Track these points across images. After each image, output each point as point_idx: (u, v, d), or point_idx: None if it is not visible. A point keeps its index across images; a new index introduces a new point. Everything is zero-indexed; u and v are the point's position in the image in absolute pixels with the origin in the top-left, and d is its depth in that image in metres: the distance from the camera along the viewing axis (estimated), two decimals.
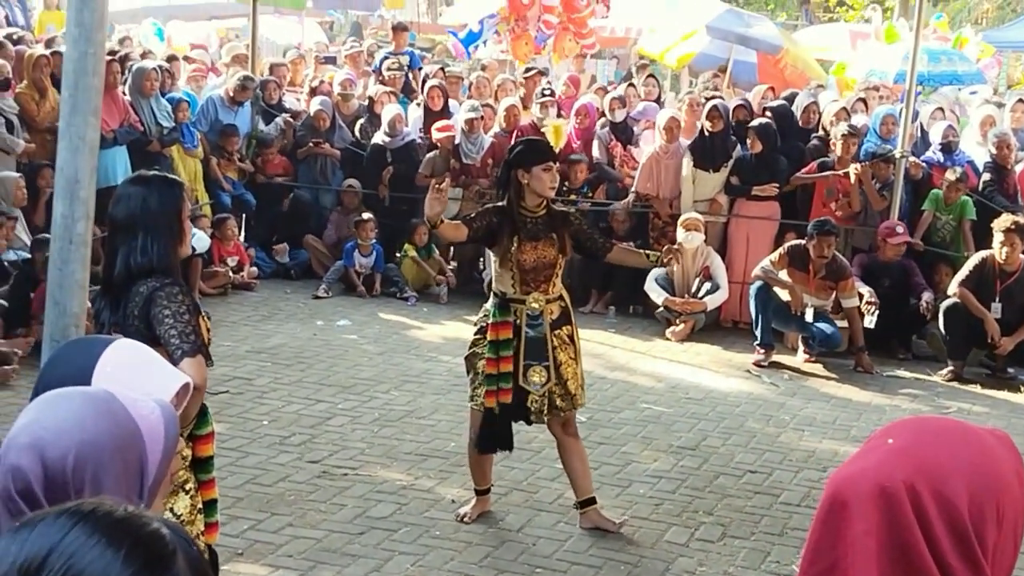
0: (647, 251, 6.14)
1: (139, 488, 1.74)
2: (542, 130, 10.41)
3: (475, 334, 5.62)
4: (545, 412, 5.56)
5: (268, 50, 16.75)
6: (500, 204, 5.58)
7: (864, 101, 11.91)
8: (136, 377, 2.08)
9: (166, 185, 3.70)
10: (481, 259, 10.14)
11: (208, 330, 3.73)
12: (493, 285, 5.69)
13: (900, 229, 9.58)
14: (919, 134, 10.85)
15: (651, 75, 13.24)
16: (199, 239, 9.12)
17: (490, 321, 5.50)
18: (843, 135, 9.94)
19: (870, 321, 9.18)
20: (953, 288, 8.98)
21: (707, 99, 11.02)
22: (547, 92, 11.34)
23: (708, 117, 10.20)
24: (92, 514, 1.29)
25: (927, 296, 9.29)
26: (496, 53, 15.63)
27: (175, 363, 3.40)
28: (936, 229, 9.93)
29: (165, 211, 3.61)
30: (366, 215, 10.75)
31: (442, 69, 13.22)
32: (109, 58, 10.12)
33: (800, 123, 10.84)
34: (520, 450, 6.21)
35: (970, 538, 1.59)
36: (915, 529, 1.59)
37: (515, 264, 5.46)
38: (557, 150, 5.56)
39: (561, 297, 5.63)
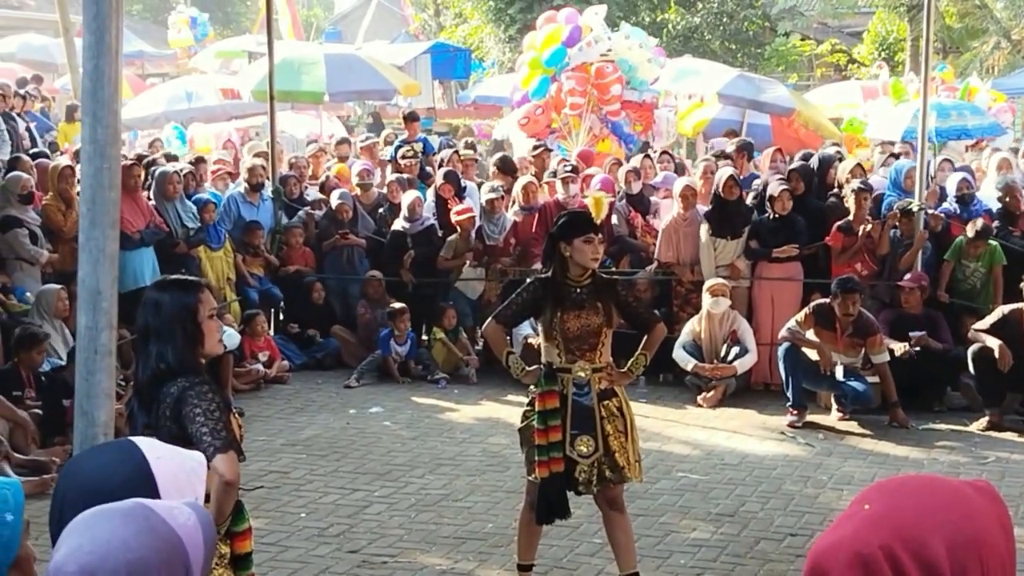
0: (644, 354, 5.78)
1: None
2: (583, 201, 10.42)
3: (526, 406, 5.65)
4: (594, 483, 5.52)
5: (289, 145, 16.97)
6: (545, 275, 5.64)
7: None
8: (177, 465, 2.15)
9: (179, 289, 3.76)
10: (508, 337, 10.13)
11: (240, 426, 3.79)
12: (541, 357, 5.66)
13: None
14: (938, 188, 10.87)
15: (666, 151, 13.36)
16: (229, 336, 9.20)
17: (537, 391, 5.53)
18: (855, 191, 9.94)
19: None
20: (973, 332, 8.94)
21: (717, 164, 11.12)
22: (568, 168, 11.38)
23: (725, 187, 10.24)
24: None
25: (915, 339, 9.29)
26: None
27: (208, 460, 3.45)
28: (965, 277, 9.89)
29: (177, 315, 3.68)
30: (399, 305, 10.84)
31: (456, 152, 13.37)
32: (131, 162, 10.36)
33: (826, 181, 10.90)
34: (558, 527, 6.20)
35: None
36: None
37: (559, 332, 5.49)
38: (598, 221, 5.62)
39: (609, 367, 5.63)
